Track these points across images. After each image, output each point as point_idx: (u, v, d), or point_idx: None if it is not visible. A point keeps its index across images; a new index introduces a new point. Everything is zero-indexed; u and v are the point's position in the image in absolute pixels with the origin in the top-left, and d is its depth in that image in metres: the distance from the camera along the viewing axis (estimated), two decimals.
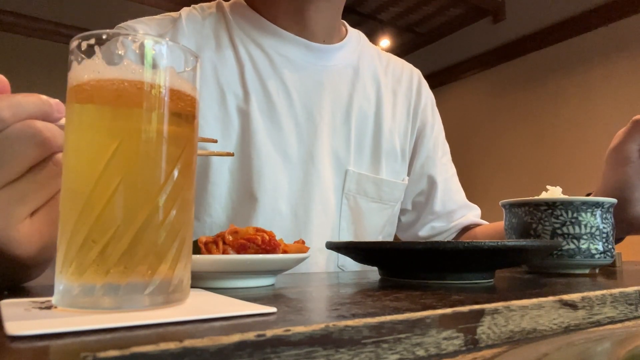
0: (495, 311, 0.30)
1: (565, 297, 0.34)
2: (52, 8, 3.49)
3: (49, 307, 0.28)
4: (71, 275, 0.27)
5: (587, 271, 0.58)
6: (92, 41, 0.29)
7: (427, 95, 0.94)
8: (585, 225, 0.56)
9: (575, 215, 0.56)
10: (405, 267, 0.48)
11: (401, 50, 4.48)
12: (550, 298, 0.33)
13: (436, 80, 4.25)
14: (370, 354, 0.24)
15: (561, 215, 0.57)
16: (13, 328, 0.21)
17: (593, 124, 3.02)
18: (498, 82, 3.71)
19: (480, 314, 0.29)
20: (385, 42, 4.30)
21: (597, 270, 0.61)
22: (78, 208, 0.28)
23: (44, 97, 0.36)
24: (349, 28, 0.88)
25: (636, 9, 2.86)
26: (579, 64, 3.16)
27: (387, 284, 0.46)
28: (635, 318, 0.39)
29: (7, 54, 3.38)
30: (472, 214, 0.92)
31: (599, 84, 3.03)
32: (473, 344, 0.28)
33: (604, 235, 0.57)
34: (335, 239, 0.76)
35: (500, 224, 0.84)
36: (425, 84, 0.95)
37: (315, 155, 0.75)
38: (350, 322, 0.24)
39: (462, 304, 0.30)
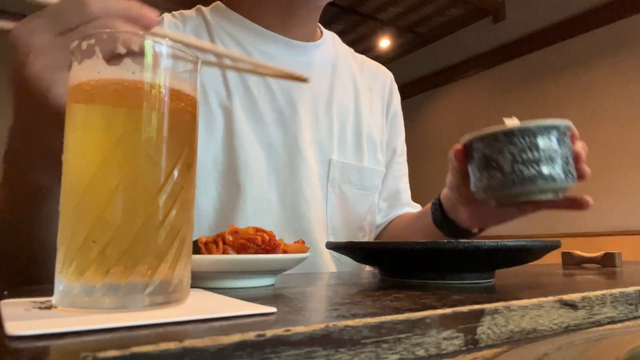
0: (495, 311, 0.30)
1: (565, 297, 0.34)
2: None
3: (49, 307, 0.28)
4: (71, 275, 0.27)
5: (550, 196, 0.57)
6: (92, 41, 0.29)
7: (397, 97, 0.99)
8: (544, 150, 0.55)
9: (532, 140, 0.55)
10: (405, 267, 0.48)
11: (401, 50, 4.49)
12: (550, 298, 0.33)
13: (436, 80, 4.25)
14: (370, 354, 0.24)
15: (519, 142, 0.55)
16: (13, 328, 0.21)
17: (593, 123, 3.02)
18: (498, 82, 3.71)
19: (480, 314, 0.29)
20: (385, 42, 4.30)
21: (560, 195, 0.58)
22: (78, 208, 0.28)
23: (137, 5, 0.39)
24: (324, 29, 0.92)
25: (636, 8, 2.87)
26: (579, 64, 3.16)
27: (387, 284, 0.46)
28: (635, 318, 0.39)
29: (7, 54, 3.37)
30: (410, 209, 0.95)
31: (599, 84, 3.03)
32: (473, 344, 0.28)
33: (564, 158, 0.56)
34: (323, 226, 0.78)
35: (421, 210, 0.85)
36: (396, 87, 1.00)
37: (300, 145, 0.78)
38: (350, 322, 0.24)
39: (462, 304, 0.30)
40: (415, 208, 0.95)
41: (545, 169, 0.55)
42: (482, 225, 0.71)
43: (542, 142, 0.55)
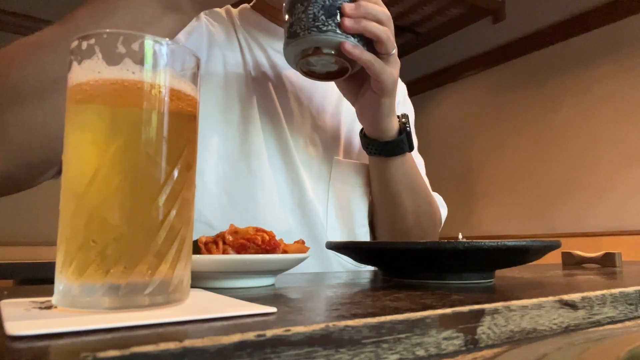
0: (495, 311, 0.30)
1: (565, 297, 0.34)
2: (52, 8, 3.49)
3: (49, 307, 0.28)
4: (71, 275, 0.27)
5: (309, 50, 0.62)
6: (92, 41, 0.29)
7: (400, 89, 1.00)
8: (291, 11, 0.62)
9: (286, 5, 0.62)
10: (405, 267, 0.48)
11: (401, 50, 4.48)
12: (550, 298, 0.33)
13: (436, 80, 4.25)
14: (370, 354, 0.24)
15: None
16: (13, 328, 0.21)
17: (593, 123, 3.02)
18: (498, 82, 3.71)
19: (480, 314, 0.29)
20: None
21: (326, 50, 0.62)
22: (78, 208, 0.28)
23: None
24: None
25: (636, 9, 2.86)
26: (579, 64, 3.16)
27: (387, 284, 0.46)
28: (635, 318, 0.39)
29: None
30: None
31: (599, 84, 3.03)
32: (473, 344, 0.28)
33: (307, 13, 0.60)
34: (324, 221, 0.79)
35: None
36: (408, 100, 1.01)
37: (306, 144, 0.80)
38: (350, 322, 0.24)
39: (462, 304, 0.30)
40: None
41: (292, 28, 0.61)
42: (368, 119, 0.74)
43: (287, 4, 0.62)
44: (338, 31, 0.60)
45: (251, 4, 0.89)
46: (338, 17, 0.60)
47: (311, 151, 0.81)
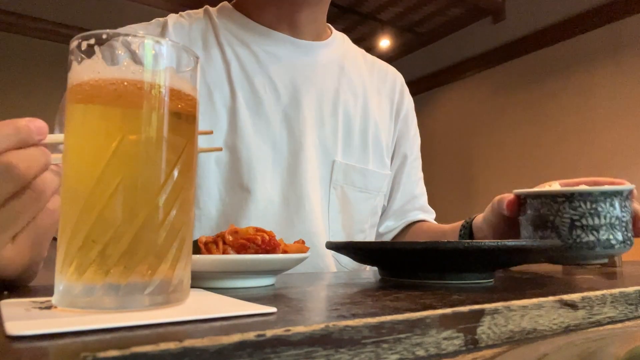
0: (495, 311, 0.30)
1: (565, 297, 0.34)
2: (52, 8, 3.49)
3: (49, 307, 0.28)
4: (71, 275, 0.27)
5: (606, 261, 0.57)
6: (92, 41, 0.29)
7: (409, 100, 0.97)
8: (605, 216, 0.54)
9: (594, 206, 0.54)
10: (405, 267, 0.48)
11: (401, 50, 4.48)
12: (550, 298, 0.33)
13: (436, 80, 4.25)
14: (370, 354, 0.24)
15: (579, 206, 0.55)
16: (13, 328, 0.21)
17: (593, 123, 3.02)
18: (498, 82, 3.71)
19: (480, 314, 0.29)
20: (385, 42, 4.30)
21: (615, 259, 0.60)
22: (78, 208, 0.28)
23: (21, 122, 0.35)
24: (334, 30, 0.92)
25: (636, 9, 2.87)
26: (579, 64, 3.16)
27: (387, 284, 0.46)
28: (635, 318, 0.39)
29: (7, 54, 3.38)
30: (425, 216, 0.94)
31: (599, 84, 3.03)
32: (473, 344, 0.28)
33: (624, 224, 0.55)
34: (325, 228, 0.78)
35: (445, 226, 0.84)
36: (407, 89, 0.98)
37: (303, 146, 0.77)
38: (350, 322, 0.24)
39: (462, 304, 0.30)
40: (429, 213, 0.94)
41: (604, 236, 0.54)
42: None
43: (603, 208, 0.54)
44: (633, 238, 0.58)
45: (232, 2, 0.85)
46: (630, 223, 0.58)
47: (308, 153, 0.77)
